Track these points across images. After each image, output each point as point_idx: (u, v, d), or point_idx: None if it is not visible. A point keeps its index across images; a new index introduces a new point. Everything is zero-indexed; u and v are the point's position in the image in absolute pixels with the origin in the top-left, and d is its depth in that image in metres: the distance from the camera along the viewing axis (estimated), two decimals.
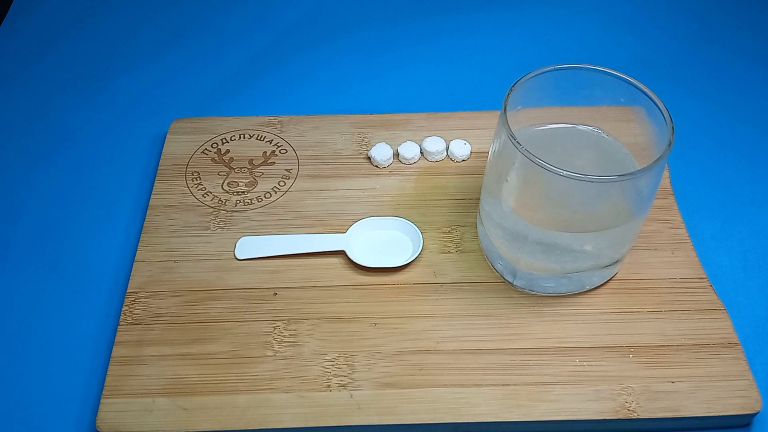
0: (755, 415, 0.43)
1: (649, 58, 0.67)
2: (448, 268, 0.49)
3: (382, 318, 0.47)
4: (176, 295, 0.48)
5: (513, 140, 0.40)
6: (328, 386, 0.44)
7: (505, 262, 0.47)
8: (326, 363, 0.45)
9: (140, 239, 0.51)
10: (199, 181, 0.55)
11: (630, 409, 0.42)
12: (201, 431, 0.42)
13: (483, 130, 0.58)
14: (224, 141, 0.57)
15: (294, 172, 0.55)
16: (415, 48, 0.69)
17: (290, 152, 0.57)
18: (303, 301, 0.48)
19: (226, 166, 0.56)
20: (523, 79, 0.44)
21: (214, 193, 0.54)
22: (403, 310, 0.47)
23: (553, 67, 0.44)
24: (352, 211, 0.53)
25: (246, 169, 0.56)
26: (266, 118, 0.59)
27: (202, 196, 0.54)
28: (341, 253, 0.50)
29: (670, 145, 0.40)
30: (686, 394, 0.43)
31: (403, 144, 0.56)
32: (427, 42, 0.69)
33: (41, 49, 0.69)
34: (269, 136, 0.58)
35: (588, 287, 0.48)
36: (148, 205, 0.53)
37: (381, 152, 0.55)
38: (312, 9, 0.73)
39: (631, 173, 0.40)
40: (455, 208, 0.53)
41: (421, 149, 0.56)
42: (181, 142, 0.57)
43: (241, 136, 0.58)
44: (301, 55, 0.68)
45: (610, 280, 0.48)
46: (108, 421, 0.42)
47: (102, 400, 0.43)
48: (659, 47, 0.68)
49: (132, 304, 0.48)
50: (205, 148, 0.57)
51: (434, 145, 0.55)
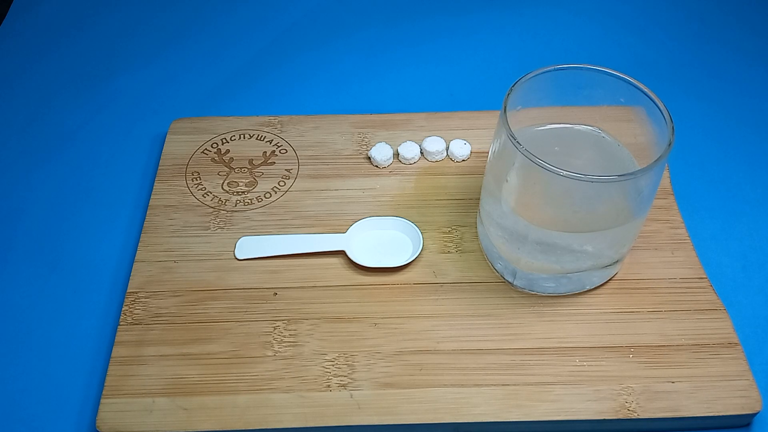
0: (755, 415, 0.43)
1: (649, 58, 0.67)
2: (448, 268, 0.49)
3: (382, 318, 0.47)
4: (176, 295, 0.48)
5: (513, 140, 0.40)
6: (328, 386, 0.44)
7: (505, 262, 0.47)
8: (326, 363, 0.45)
9: (140, 239, 0.51)
10: (199, 181, 0.55)
11: (630, 409, 0.42)
12: (201, 431, 0.42)
13: (483, 130, 0.58)
14: (224, 141, 0.57)
15: (294, 172, 0.55)
16: (415, 48, 0.69)
17: (290, 152, 0.57)
18: (303, 301, 0.48)
19: (226, 166, 0.56)
20: (523, 79, 0.44)
21: (214, 193, 0.54)
22: (403, 310, 0.47)
23: (553, 67, 0.44)
24: (352, 211, 0.53)
25: (246, 169, 0.56)
26: (266, 118, 0.59)
27: (202, 196, 0.54)
28: (341, 253, 0.50)
29: (670, 145, 0.40)
30: (686, 394, 0.43)
31: (403, 144, 0.56)
32: (427, 42, 0.69)
33: (41, 49, 0.69)
34: (269, 136, 0.58)
35: (588, 287, 0.48)
36: (148, 205, 0.53)
37: (381, 152, 0.55)
38: (312, 9, 0.73)
39: (631, 173, 0.40)
40: (455, 208, 0.53)
41: (421, 149, 0.56)
42: (181, 142, 0.57)
43: (241, 136, 0.58)
44: (301, 55, 0.68)
45: (610, 280, 0.48)
46: (108, 421, 0.42)
47: (102, 400, 0.43)
48: (659, 47, 0.68)
49: (132, 304, 0.48)
50: (205, 148, 0.57)
51: (434, 145, 0.55)
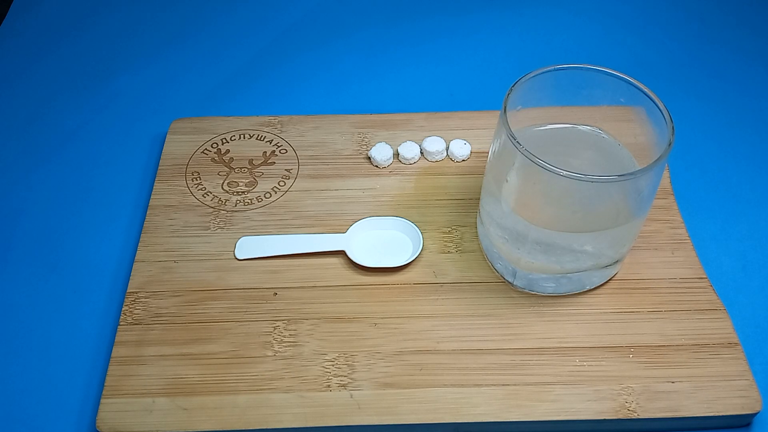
0: (755, 415, 0.43)
1: (649, 58, 0.67)
2: (448, 268, 0.49)
3: (382, 318, 0.47)
4: (176, 295, 0.48)
5: (513, 140, 0.40)
6: (328, 386, 0.44)
7: (505, 262, 0.47)
8: (326, 363, 0.45)
9: (140, 239, 0.51)
10: (199, 181, 0.55)
11: (630, 409, 0.42)
12: (201, 431, 0.42)
13: (483, 130, 0.58)
14: (224, 141, 0.57)
15: (294, 172, 0.55)
16: (415, 48, 0.69)
17: (290, 152, 0.57)
18: (303, 301, 0.48)
19: (226, 166, 0.56)
20: (523, 79, 0.44)
21: (214, 193, 0.54)
22: (403, 310, 0.47)
23: (553, 67, 0.44)
24: (352, 211, 0.53)
25: (246, 169, 0.56)
26: (266, 118, 0.59)
27: (202, 196, 0.54)
28: (341, 253, 0.50)
29: (670, 145, 0.40)
30: (686, 394, 0.43)
31: (403, 144, 0.56)
32: (427, 42, 0.69)
33: (41, 49, 0.69)
34: (269, 136, 0.58)
35: (588, 287, 0.48)
36: (148, 205, 0.53)
37: (381, 152, 0.55)
38: (312, 9, 0.73)
39: (631, 173, 0.40)
40: (455, 208, 0.53)
41: (421, 149, 0.56)
42: (181, 142, 0.57)
43: (241, 136, 0.58)
44: (301, 55, 0.68)
45: (610, 280, 0.48)
46: (108, 421, 0.42)
47: (102, 400, 0.43)
48: (659, 47, 0.68)
49: (132, 304, 0.48)
50: (205, 148, 0.57)
51: (434, 145, 0.55)
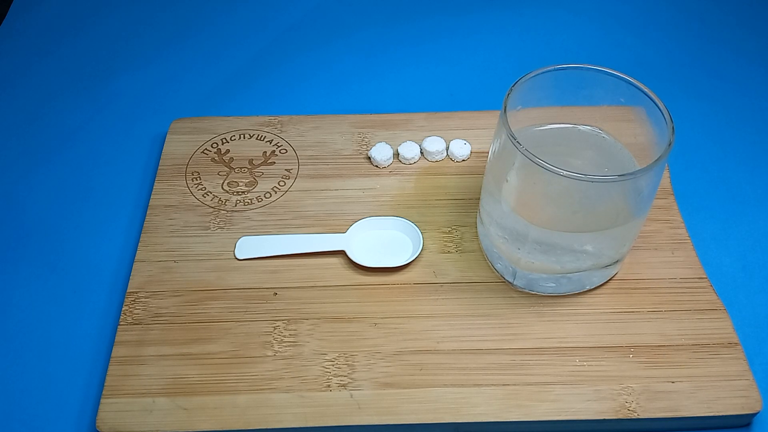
0: (755, 415, 0.43)
1: (649, 58, 0.67)
2: (448, 268, 0.49)
3: (382, 318, 0.47)
4: (176, 295, 0.48)
5: (513, 140, 0.40)
6: (328, 386, 0.44)
7: (505, 262, 0.47)
8: (326, 363, 0.45)
9: (140, 239, 0.51)
10: (199, 181, 0.55)
11: (630, 409, 0.42)
12: (201, 431, 0.42)
13: (483, 130, 0.58)
14: (224, 141, 0.57)
15: (294, 172, 0.55)
16: (415, 48, 0.69)
17: (290, 152, 0.57)
18: (303, 301, 0.48)
19: (226, 166, 0.56)
20: (523, 79, 0.44)
21: (214, 193, 0.54)
22: (403, 310, 0.47)
23: (553, 67, 0.44)
24: (352, 211, 0.53)
25: (246, 169, 0.56)
26: (266, 118, 0.59)
27: (202, 196, 0.54)
28: (341, 253, 0.50)
29: (670, 145, 0.40)
30: (686, 394, 0.43)
31: (403, 144, 0.56)
32: (427, 42, 0.69)
33: (41, 49, 0.69)
34: (269, 136, 0.58)
35: (588, 287, 0.48)
36: (148, 205, 0.53)
37: (381, 152, 0.55)
38: (312, 9, 0.73)
39: (631, 173, 0.40)
40: (455, 208, 0.53)
41: (421, 149, 0.56)
42: (181, 142, 0.57)
43: (241, 136, 0.58)
44: (301, 55, 0.68)
45: (610, 280, 0.48)
46: (108, 421, 0.42)
47: (102, 400, 0.43)
48: (659, 47, 0.68)
49: (132, 304, 0.48)
50: (205, 148, 0.57)
51: (434, 145, 0.55)
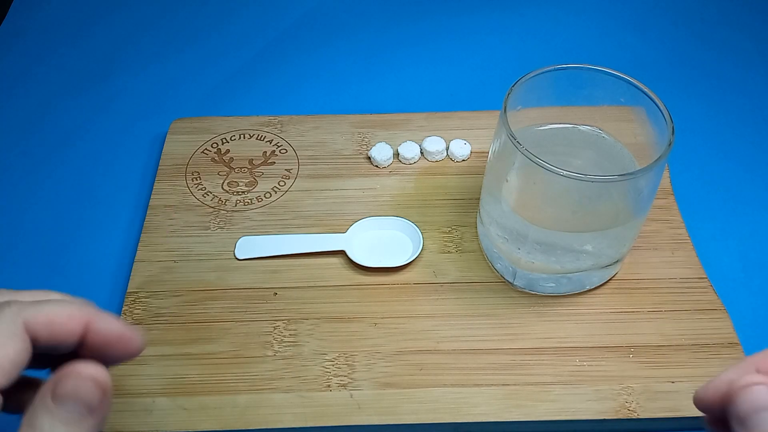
0: None
1: (649, 58, 0.67)
2: (448, 268, 0.49)
3: (382, 318, 0.47)
4: (176, 295, 0.48)
5: (513, 140, 0.40)
6: (328, 386, 0.44)
7: (505, 262, 0.47)
8: (326, 363, 0.45)
9: (140, 239, 0.51)
10: (199, 181, 0.55)
11: (630, 409, 0.42)
12: (201, 431, 0.42)
13: (483, 130, 0.58)
14: (224, 141, 0.57)
15: (294, 172, 0.55)
16: (414, 48, 0.69)
17: (290, 152, 0.57)
18: (303, 301, 0.48)
19: (226, 166, 0.56)
20: (523, 79, 0.44)
21: (214, 193, 0.54)
22: (403, 310, 0.47)
23: (553, 67, 0.44)
24: (352, 211, 0.53)
25: (246, 169, 0.56)
26: (266, 118, 0.59)
27: (202, 196, 0.54)
28: (341, 253, 0.50)
29: (670, 145, 0.40)
30: (686, 394, 0.43)
31: (403, 144, 0.56)
32: (427, 42, 0.69)
33: (41, 49, 0.69)
34: (269, 136, 0.58)
35: (588, 287, 0.48)
36: (148, 205, 0.53)
37: (381, 152, 0.55)
38: (312, 9, 0.73)
39: (631, 173, 0.40)
40: (455, 208, 0.53)
41: (421, 149, 0.56)
42: (181, 142, 0.57)
43: (241, 136, 0.58)
44: (301, 55, 0.68)
45: (610, 280, 0.48)
46: (108, 421, 0.42)
47: None
48: (659, 47, 0.68)
49: (132, 304, 0.48)
50: (205, 148, 0.57)
51: (434, 145, 0.55)
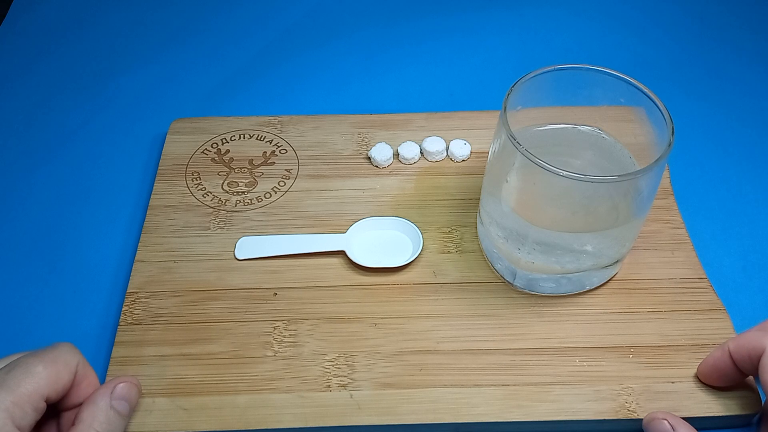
0: (754, 415, 0.43)
1: (649, 58, 0.67)
2: (448, 268, 0.49)
3: (382, 318, 0.47)
4: (176, 295, 0.48)
5: (513, 140, 0.40)
6: (328, 386, 0.44)
7: (504, 263, 0.47)
8: (326, 363, 0.45)
9: (140, 239, 0.51)
10: (199, 181, 0.55)
11: (630, 409, 0.42)
12: (201, 431, 0.42)
13: (483, 130, 0.58)
14: (224, 141, 0.57)
15: (294, 172, 0.55)
16: (414, 48, 0.69)
17: (290, 152, 0.57)
18: (303, 301, 0.48)
19: (226, 166, 0.56)
20: (523, 79, 0.44)
21: (214, 193, 0.54)
22: (403, 310, 0.47)
23: (553, 67, 0.44)
24: (352, 211, 0.53)
25: (246, 169, 0.56)
26: (266, 118, 0.59)
27: (202, 196, 0.54)
28: (341, 253, 0.50)
29: (670, 145, 0.40)
30: (686, 394, 0.43)
31: (403, 144, 0.56)
32: (427, 42, 0.69)
33: (41, 49, 0.69)
34: (269, 136, 0.58)
35: (588, 287, 0.48)
36: (148, 205, 0.53)
37: (381, 152, 0.55)
38: (312, 9, 0.73)
39: (631, 173, 0.40)
40: (455, 208, 0.53)
41: (421, 149, 0.56)
42: (181, 142, 0.57)
43: (241, 136, 0.58)
44: (301, 55, 0.68)
45: (610, 280, 0.48)
46: None
47: None
48: (659, 47, 0.68)
49: (132, 304, 0.48)
50: (205, 148, 0.57)
51: (434, 145, 0.55)
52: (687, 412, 0.42)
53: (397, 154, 0.56)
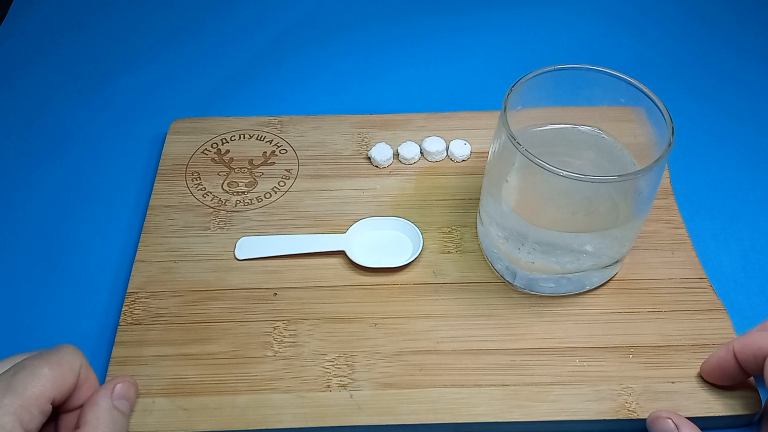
0: (755, 415, 0.43)
1: (649, 58, 0.67)
2: (448, 268, 0.49)
3: (382, 318, 0.47)
4: (176, 295, 0.48)
5: (513, 140, 0.40)
6: (328, 386, 0.44)
7: (505, 263, 0.47)
8: (326, 363, 0.45)
9: (140, 239, 0.51)
10: (199, 181, 0.55)
11: (630, 409, 0.42)
12: (201, 431, 0.42)
13: (483, 130, 0.58)
14: (224, 141, 0.57)
15: (294, 172, 0.55)
16: (415, 48, 0.69)
17: (290, 152, 0.57)
18: (303, 301, 0.48)
19: (226, 166, 0.56)
20: (523, 79, 0.44)
21: (214, 193, 0.54)
22: (403, 310, 0.47)
23: (553, 67, 0.44)
24: (352, 211, 0.53)
25: (246, 169, 0.56)
26: (266, 118, 0.59)
27: (202, 196, 0.54)
28: (341, 253, 0.50)
29: (670, 145, 0.40)
30: (686, 394, 0.43)
31: (403, 144, 0.56)
32: (427, 42, 0.69)
33: (41, 49, 0.69)
34: (269, 136, 0.58)
35: (588, 287, 0.48)
36: (148, 205, 0.53)
37: (381, 152, 0.55)
38: (312, 9, 0.73)
39: (631, 173, 0.40)
40: (455, 208, 0.53)
41: (421, 149, 0.56)
42: (181, 142, 0.57)
43: (241, 136, 0.58)
44: (301, 55, 0.68)
45: (610, 280, 0.48)
46: None
47: None
48: (659, 47, 0.68)
49: (132, 304, 0.48)
50: (205, 148, 0.57)
51: (434, 145, 0.55)
52: (687, 412, 0.42)
53: (397, 154, 0.56)
